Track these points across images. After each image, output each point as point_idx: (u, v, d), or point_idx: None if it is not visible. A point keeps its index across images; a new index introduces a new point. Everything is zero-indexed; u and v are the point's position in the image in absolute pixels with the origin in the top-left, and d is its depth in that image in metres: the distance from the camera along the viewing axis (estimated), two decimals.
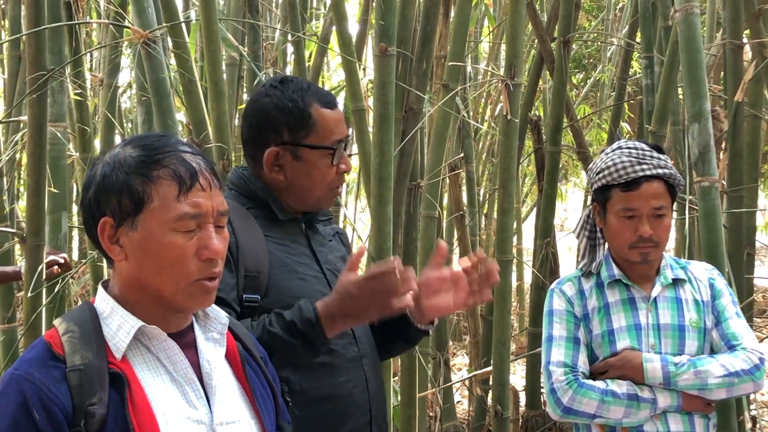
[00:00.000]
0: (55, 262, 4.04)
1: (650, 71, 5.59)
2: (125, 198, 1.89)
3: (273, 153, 2.67)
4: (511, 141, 4.15)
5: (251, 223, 2.63)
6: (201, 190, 1.92)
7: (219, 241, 1.94)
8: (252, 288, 2.56)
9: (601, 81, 10.58)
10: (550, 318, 3.23)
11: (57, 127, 3.96)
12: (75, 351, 1.85)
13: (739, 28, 4.88)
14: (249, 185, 2.72)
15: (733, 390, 3.10)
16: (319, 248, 2.77)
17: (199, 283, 1.93)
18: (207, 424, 1.94)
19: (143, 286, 1.93)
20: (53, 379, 1.81)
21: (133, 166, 1.91)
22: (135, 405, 1.84)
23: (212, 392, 1.98)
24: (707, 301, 3.22)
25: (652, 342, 3.14)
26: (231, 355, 2.09)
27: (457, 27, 4.26)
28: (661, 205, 3.08)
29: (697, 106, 3.95)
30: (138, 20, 3.79)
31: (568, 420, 3.19)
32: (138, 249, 1.91)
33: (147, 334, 1.93)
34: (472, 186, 7.69)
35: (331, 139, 2.67)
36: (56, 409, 1.78)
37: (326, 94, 2.79)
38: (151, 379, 1.91)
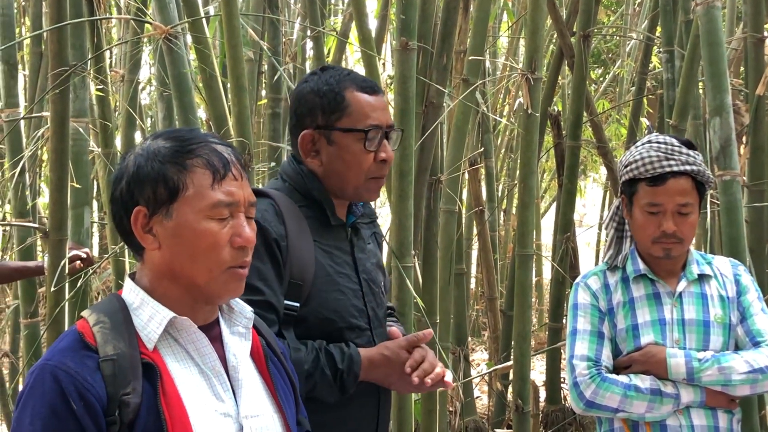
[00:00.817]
0: (77, 257, 4.05)
1: (671, 65, 5.57)
2: (160, 187, 1.90)
3: (308, 136, 2.64)
4: (532, 135, 4.13)
5: (303, 225, 2.60)
6: (233, 180, 1.94)
7: (250, 231, 1.96)
8: (294, 295, 2.55)
9: (620, 76, 10.53)
10: (574, 311, 3.21)
11: (79, 123, 3.96)
12: (107, 341, 1.85)
13: (761, 21, 4.85)
14: (306, 182, 2.69)
15: (757, 386, 3.07)
16: (360, 255, 2.74)
17: (231, 271, 1.94)
18: (233, 417, 1.95)
19: (176, 275, 1.94)
20: (88, 368, 1.81)
21: (168, 156, 1.92)
22: (167, 395, 1.85)
23: (238, 385, 1.98)
24: (732, 297, 3.20)
25: (677, 337, 3.11)
26: (255, 350, 2.09)
27: (477, 22, 4.24)
28: (686, 201, 3.04)
29: (719, 99, 3.92)
30: (159, 16, 3.80)
31: (590, 414, 3.18)
32: (172, 237, 1.91)
33: (177, 325, 1.93)
34: (492, 181, 7.69)
35: (366, 123, 2.61)
36: (92, 398, 1.78)
37: (366, 79, 2.75)
38: (180, 370, 1.92)
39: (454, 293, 6.43)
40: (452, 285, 6.27)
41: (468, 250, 7.92)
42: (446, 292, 4.47)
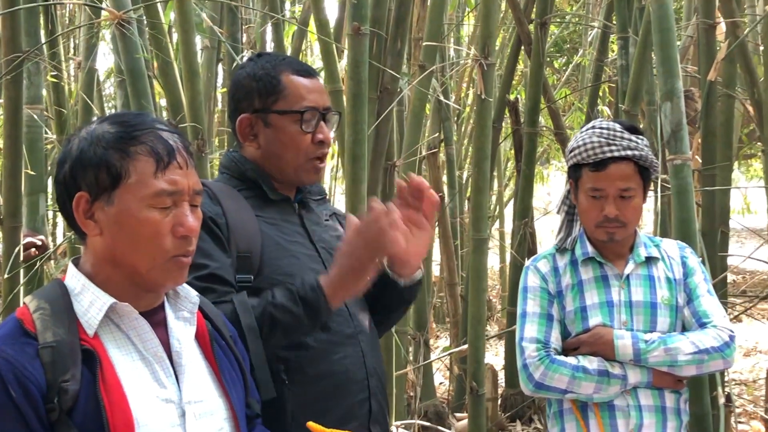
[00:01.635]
0: (32, 244, 4.03)
1: (625, 52, 5.61)
2: (102, 173, 1.89)
3: (245, 120, 2.65)
4: (486, 120, 4.14)
5: (242, 203, 2.61)
6: (178, 168, 1.92)
7: (194, 220, 1.94)
8: (244, 268, 2.54)
9: (581, 65, 10.59)
10: (524, 295, 3.23)
11: (33, 110, 3.94)
12: (47, 328, 1.84)
13: (712, 7, 4.88)
14: (239, 167, 2.70)
15: (703, 367, 3.10)
16: (313, 227, 2.75)
17: (174, 260, 1.93)
18: (176, 402, 1.93)
19: (117, 262, 1.92)
20: (27, 356, 1.80)
21: (111, 142, 1.90)
22: (106, 382, 1.83)
23: (181, 371, 1.97)
24: (679, 279, 3.22)
25: (624, 319, 3.14)
26: (200, 334, 2.07)
27: (433, 8, 4.24)
28: (628, 186, 3.07)
29: (669, 84, 3.94)
30: (112, 1, 3.77)
31: (539, 395, 3.21)
32: (114, 224, 1.90)
33: (118, 311, 1.91)
34: (452, 168, 7.71)
35: (301, 104, 2.62)
36: (31, 385, 1.77)
37: (302, 63, 2.78)
38: (120, 356, 1.90)
39: None
40: None
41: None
42: None
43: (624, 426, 3.09)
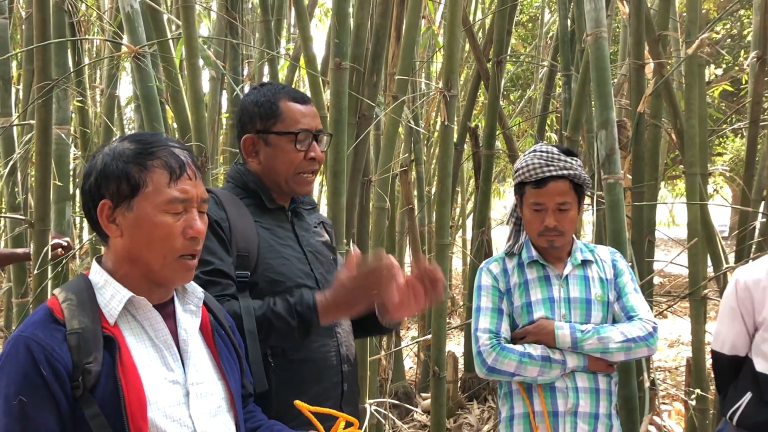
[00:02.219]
0: (59, 245, 4.03)
1: (568, 87, 5.64)
2: (123, 183, 1.91)
3: (249, 140, 2.71)
4: (448, 143, 4.16)
5: (243, 210, 2.65)
6: (188, 179, 1.95)
7: (201, 223, 1.97)
8: (243, 265, 2.57)
9: (533, 98, 10.64)
10: (478, 292, 3.25)
11: (61, 129, 3.92)
12: (73, 316, 1.85)
13: (642, 50, 4.91)
14: (243, 178, 2.73)
15: (630, 353, 3.12)
16: (303, 233, 2.78)
17: (182, 260, 1.94)
18: (181, 383, 1.95)
19: (134, 260, 1.94)
20: (56, 340, 1.81)
21: (131, 157, 1.92)
22: (123, 365, 1.85)
23: (187, 357, 1.99)
24: (610, 279, 3.25)
25: (563, 312, 3.16)
26: (204, 325, 2.09)
27: (405, 48, 4.24)
28: (565, 201, 3.11)
29: (605, 115, 3.97)
30: (130, 37, 3.77)
31: (492, 377, 3.21)
32: (132, 227, 1.91)
33: (135, 303, 1.93)
34: (422, 184, 7.74)
35: (296, 127, 2.67)
36: (59, 366, 1.79)
37: (298, 92, 2.81)
38: (135, 343, 1.92)
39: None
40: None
41: (401, 242, 7.94)
42: None
43: (563, 405, 3.11)
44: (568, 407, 3.11)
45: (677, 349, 9.44)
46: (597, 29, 3.98)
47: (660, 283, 12.17)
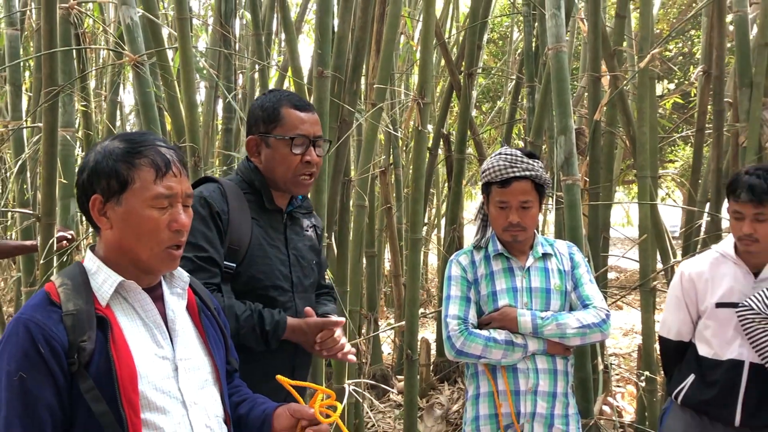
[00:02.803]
0: (63, 238, 4.02)
1: (532, 97, 5.65)
2: (113, 180, 1.90)
3: (252, 141, 2.75)
4: (422, 147, 4.15)
5: (244, 205, 2.68)
6: (173, 177, 1.94)
7: (185, 217, 1.96)
8: (231, 258, 2.60)
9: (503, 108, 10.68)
10: (448, 282, 3.26)
11: (67, 132, 3.90)
12: (69, 299, 1.86)
13: (598, 64, 4.93)
14: (251, 175, 2.76)
15: (585, 338, 3.14)
16: (292, 236, 2.81)
17: (168, 251, 1.94)
18: (170, 359, 1.95)
19: (124, 250, 1.94)
20: (53, 321, 1.82)
21: (120, 155, 1.92)
22: (116, 342, 1.85)
23: (175, 335, 1.99)
24: (568, 270, 3.27)
25: (525, 301, 3.17)
26: (190, 305, 2.10)
27: (384, 60, 4.23)
28: (527, 199, 3.12)
29: (563, 122, 3.98)
30: (130, 47, 3.76)
31: (460, 360, 3.22)
32: (121, 220, 1.91)
33: (126, 287, 1.94)
34: (400, 186, 7.76)
35: (294, 132, 2.70)
36: (56, 344, 1.79)
37: (301, 99, 2.83)
38: (127, 323, 1.92)
39: (367, 270, 6.47)
40: (365, 264, 6.31)
41: (380, 238, 7.94)
42: (357, 268, 4.47)
43: (524, 384, 3.12)
44: (528, 386, 3.12)
45: (631, 337, 9.49)
46: (557, 44, 4.00)
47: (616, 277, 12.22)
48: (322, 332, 2.66)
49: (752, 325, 3.22)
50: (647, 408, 4.70)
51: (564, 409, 3.17)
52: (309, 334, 2.65)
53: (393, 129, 6.27)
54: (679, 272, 3.52)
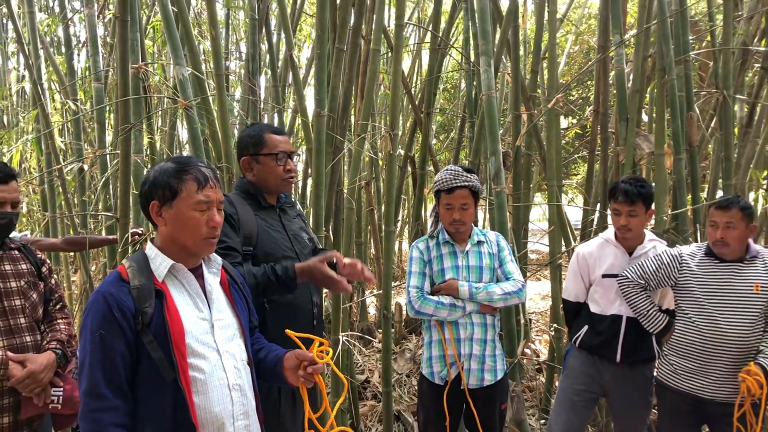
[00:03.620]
0: (136, 233, 3.99)
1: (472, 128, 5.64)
2: (167, 190, 1.93)
3: (245, 161, 2.75)
4: (393, 166, 4.13)
5: (247, 208, 2.67)
6: (210, 188, 1.96)
7: (219, 217, 1.98)
8: (247, 243, 2.59)
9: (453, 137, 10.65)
10: (410, 261, 3.27)
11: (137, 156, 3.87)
12: (135, 277, 1.88)
13: (519, 104, 4.95)
14: (245, 186, 2.75)
15: (507, 302, 3.16)
16: (287, 223, 2.80)
17: (206, 240, 1.96)
18: (208, 320, 1.96)
19: (175, 241, 1.95)
20: (123, 293, 1.84)
21: (172, 173, 1.94)
22: (169, 308, 1.87)
23: (212, 302, 2.00)
24: (495, 253, 3.28)
25: (464, 275, 3.18)
26: (223, 281, 2.10)
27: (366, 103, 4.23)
28: (466, 202, 3.14)
29: (493, 147, 3.99)
30: (182, 95, 3.74)
31: (418, 317, 3.24)
32: (173, 219, 1.93)
33: (176, 268, 1.95)
34: (379, 194, 7.71)
35: (277, 150, 2.69)
36: (126, 310, 1.81)
37: (276, 127, 2.85)
38: (177, 294, 1.93)
39: (356, 254, 6.44)
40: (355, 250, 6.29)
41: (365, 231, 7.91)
42: (349, 252, 4.46)
43: (464, 333, 3.14)
44: (466, 335, 3.14)
45: (546, 300, 9.49)
46: (488, 91, 4.01)
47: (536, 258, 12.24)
48: (347, 264, 2.62)
49: (627, 290, 3.25)
50: (556, 350, 4.72)
51: (492, 350, 3.19)
52: (314, 268, 2.54)
53: (374, 153, 6.24)
54: (576, 252, 3.54)
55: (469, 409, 3.17)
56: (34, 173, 6.68)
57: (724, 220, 3.02)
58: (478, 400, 3.16)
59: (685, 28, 4.42)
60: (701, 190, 5.08)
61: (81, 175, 5.85)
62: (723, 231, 3.02)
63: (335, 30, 3.99)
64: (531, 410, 4.88)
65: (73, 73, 6.10)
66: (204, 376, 1.89)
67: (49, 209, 5.91)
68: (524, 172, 5.09)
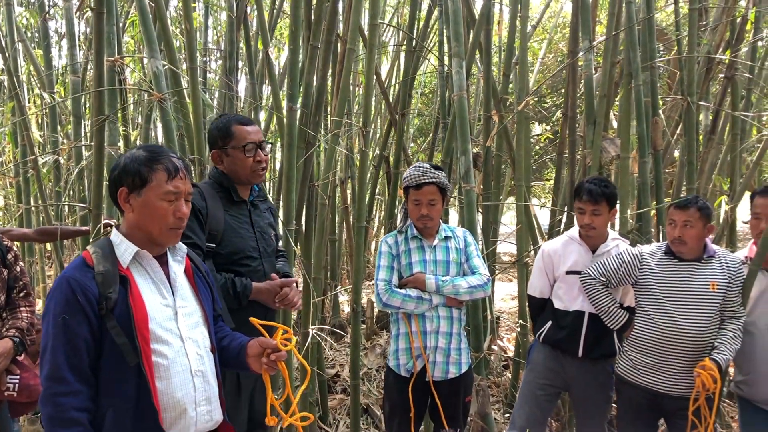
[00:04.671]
0: (108, 224, 3.94)
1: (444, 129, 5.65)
2: (136, 178, 1.91)
3: (215, 153, 2.72)
4: (365, 162, 4.16)
5: (217, 202, 2.64)
6: (180, 179, 1.94)
7: (186, 208, 1.96)
8: (212, 240, 2.58)
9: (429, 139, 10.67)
10: (380, 255, 3.26)
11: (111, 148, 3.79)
12: (99, 263, 1.86)
13: (490, 106, 4.96)
14: (219, 177, 2.73)
15: (473, 295, 3.17)
16: (256, 219, 2.77)
17: (172, 230, 1.95)
18: (172, 306, 1.95)
19: (141, 229, 1.93)
20: (87, 278, 1.82)
21: (143, 161, 1.92)
22: (133, 294, 1.85)
23: (176, 289, 1.99)
24: (462, 248, 3.29)
25: (432, 269, 3.19)
26: (187, 269, 2.09)
27: (340, 101, 4.22)
28: (433, 198, 3.15)
29: (464, 146, 3.99)
30: (156, 88, 3.70)
31: (386, 310, 3.24)
32: (141, 207, 1.91)
33: (141, 255, 1.93)
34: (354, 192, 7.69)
35: (244, 141, 2.66)
36: (90, 295, 1.79)
37: (244, 117, 2.83)
38: (141, 281, 1.92)
39: (330, 251, 6.43)
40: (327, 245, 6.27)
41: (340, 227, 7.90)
42: (320, 248, 4.44)
43: (430, 326, 3.14)
44: (432, 328, 3.14)
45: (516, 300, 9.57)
46: (460, 91, 4.02)
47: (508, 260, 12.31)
48: (281, 293, 2.66)
49: (589, 287, 3.28)
50: (522, 346, 4.75)
51: (458, 344, 3.20)
52: (271, 292, 2.64)
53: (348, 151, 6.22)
54: (541, 249, 3.57)
55: (434, 401, 3.17)
56: (10, 165, 6.56)
57: (683, 219, 3.06)
58: (442, 392, 3.17)
59: (651, 36, 4.48)
60: (667, 195, 5.15)
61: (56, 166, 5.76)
62: (681, 230, 3.06)
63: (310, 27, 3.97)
64: (497, 405, 4.90)
65: (50, 65, 6.01)
66: (167, 362, 1.87)
67: (24, 201, 5.81)
68: (494, 172, 5.11)
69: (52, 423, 1.73)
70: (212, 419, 1.99)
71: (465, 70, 4.18)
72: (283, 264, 2.97)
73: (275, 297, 2.65)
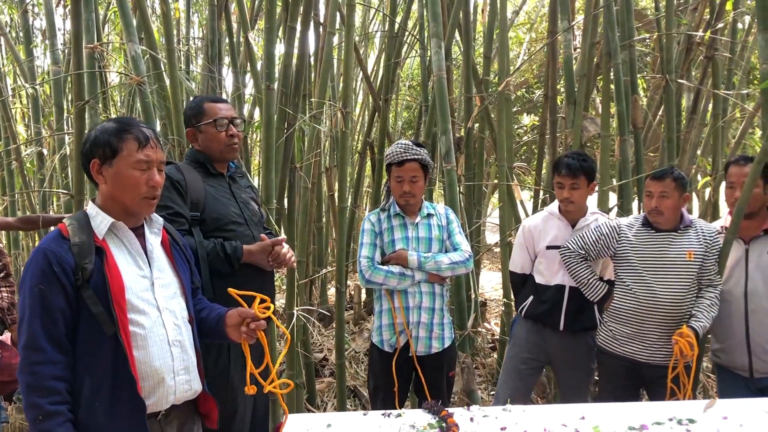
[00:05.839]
0: None
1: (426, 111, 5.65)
2: (107, 149, 1.91)
3: (190, 132, 2.74)
4: (345, 145, 4.14)
5: (195, 175, 2.66)
6: (151, 148, 1.94)
7: (159, 177, 1.96)
8: (194, 209, 2.58)
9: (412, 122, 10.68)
10: (363, 233, 3.27)
11: None
12: (75, 234, 1.86)
13: (471, 87, 4.97)
14: (195, 155, 2.74)
15: (455, 271, 3.18)
16: (236, 190, 2.79)
17: (145, 200, 1.95)
18: (148, 277, 1.96)
19: (115, 200, 1.94)
20: (63, 249, 1.83)
21: (113, 131, 1.92)
22: (109, 265, 1.86)
23: (153, 261, 1.99)
24: (444, 225, 3.29)
25: (414, 246, 3.19)
26: (164, 241, 2.09)
27: (321, 82, 4.21)
28: (416, 175, 3.15)
29: (444, 126, 3.99)
30: (135, 71, 3.68)
31: (369, 287, 3.24)
32: (113, 178, 1.92)
33: (116, 226, 1.94)
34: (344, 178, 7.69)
35: (215, 116, 2.67)
36: (66, 266, 1.80)
37: (216, 96, 2.84)
38: (117, 251, 1.92)
39: (316, 237, 6.43)
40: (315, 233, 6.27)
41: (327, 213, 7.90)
42: (305, 232, 4.44)
43: (413, 302, 3.15)
44: (415, 303, 3.15)
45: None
46: (439, 72, 4.02)
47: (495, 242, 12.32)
48: (273, 251, 2.64)
49: (569, 261, 3.30)
50: (507, 325, 4.78)
51: (441, 319, 3.21)
52: (262, 252, 2.61)
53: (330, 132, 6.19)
54: (522, 225, 3.59)
55: (418, 376, 3.19)
56: None
57: (659, 190, 3.09)
58: (425, 366, 3.18)
59: (629, 15, 4.49)
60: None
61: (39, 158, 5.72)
62: (657, 200, 3.09)
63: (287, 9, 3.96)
64: (483, 384, 4.94)
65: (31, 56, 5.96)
66: (144, 332, 1.88)
67: (8, 191, 5.77)
68: (477, 153, 5.12)
69: (30, 391, 1.74)
70: (191, 388, 2.00)
71: (444, 51, 4.17)
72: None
73: (268, 256, 2.63)
